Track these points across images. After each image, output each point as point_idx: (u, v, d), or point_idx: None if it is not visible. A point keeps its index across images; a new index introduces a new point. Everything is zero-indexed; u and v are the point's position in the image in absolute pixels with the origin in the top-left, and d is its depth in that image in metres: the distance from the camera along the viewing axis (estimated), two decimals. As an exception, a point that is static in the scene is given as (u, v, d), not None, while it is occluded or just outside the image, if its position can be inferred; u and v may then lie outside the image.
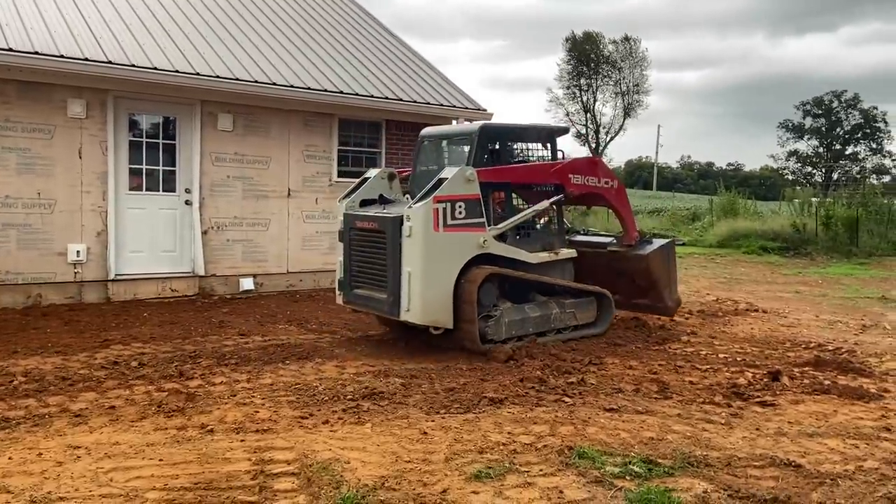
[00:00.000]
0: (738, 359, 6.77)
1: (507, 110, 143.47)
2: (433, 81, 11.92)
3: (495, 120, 11.39)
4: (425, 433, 4.39)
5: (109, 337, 6.90)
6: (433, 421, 4.64)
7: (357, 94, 10.31)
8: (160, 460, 3.85)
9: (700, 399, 5.37)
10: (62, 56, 7.98)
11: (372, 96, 10.46)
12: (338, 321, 8.15)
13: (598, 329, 7.43)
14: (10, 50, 7.67)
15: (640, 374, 6.02)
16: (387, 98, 10.62)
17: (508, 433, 4.42)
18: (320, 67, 10.61)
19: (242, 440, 4.21)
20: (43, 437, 4.19)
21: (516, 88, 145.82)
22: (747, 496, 3.60)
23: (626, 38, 76.47)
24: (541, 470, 3.86)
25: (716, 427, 4.72)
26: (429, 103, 11.05)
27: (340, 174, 10.68)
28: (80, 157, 8.51)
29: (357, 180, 7.49)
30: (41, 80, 8.12)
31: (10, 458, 3.86)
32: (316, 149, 10.43)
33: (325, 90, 10.00)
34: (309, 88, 9.84)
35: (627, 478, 3.77)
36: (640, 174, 74.61)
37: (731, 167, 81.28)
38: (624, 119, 78.74)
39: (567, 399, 5.21)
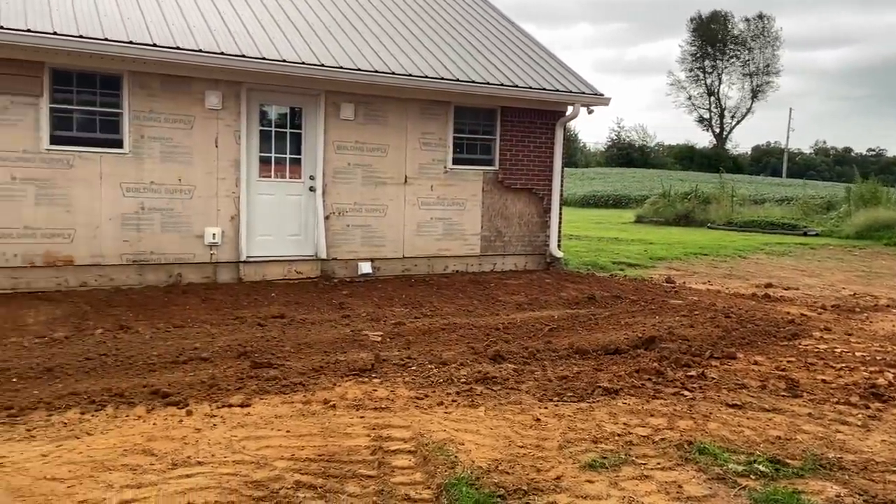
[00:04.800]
0: (878, 358, 6.29)
1: (626, 95, 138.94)
2: (549, 67, 11.77)
3: (612, 106, 11.13)
4: (538, 420, 4.40)
5: (241, 315, 7.35)
6: (546, 408, 4.64)
7: (472, 82, 10.36)
8: (287, 432, 4.08)
9: (834, 399, 5.04)
10: (200, 50, 8.52)
11: (487, 83, 10.47)
12: (451, 307, 8.26)
13: None
14: (154, 45, 8.28)
15: (767, 371, 5.73)
16: (502, 85, 10.60)
17: (624, 424, 4.34)
18: (437, 55, 10.73)
19: (362, 417, 4.38)
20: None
21: (634, 72, 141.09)
22: (885, 503, 3.36)
23: (760, 16, 72.37)
24: (658, 463, 3.77)
25: (851, 429, 4.42)
26: (544, 89, 10.93)
27: (455, 161, 10.79)
28: (216, 146, 9.09)
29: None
30: (181, 74, 8.72)
31: (154, 424, 4.21)
32: (432, 136, 10.59)
33: (442, 78, 10.11)
34: (426, 77, 9.98)
35: (752, 477, 3.62)
36: (768, 160, 70.37)
37: (872, 153, 75.00)
38: (752, 102, 74.47)
39: (686, 392, 5.05)
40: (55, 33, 7.73)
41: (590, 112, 11.62)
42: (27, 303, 7.49)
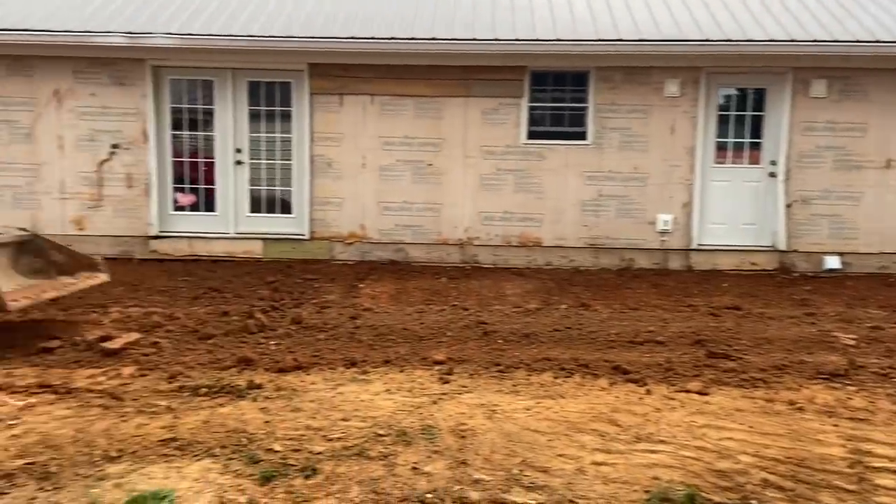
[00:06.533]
0: None
1: None
2: None
3: None
4: None
5: (692, 303, 7.32)
6: None
7: None
8: (749, 427, 3.95)
9: None
10: (664, 40, 8.66)
11: None
12: (950, 314, 6.86)
13: None
14: (620, 40, 8.71)
15: None
16: None
17: None
18: (942, 11, 8.92)
19: (835, 425, 3.99)
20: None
21: None
22: None
23: None
24: None
25: None
26: None
27: (964, 138, 8.86)
28: (672, 134, 9.15)
29: None
30: (642, 65, 8.99)
31: (616, 397, 4.50)
32: (929, 110, 8.87)
33: (949, 38, 8.37)
34: (927, 39, 8.39)
35: None
36: None
37: None
38: None
39: None
40: (537, 39, 8.74)
41: None
42: (504, 276, 8.70)
